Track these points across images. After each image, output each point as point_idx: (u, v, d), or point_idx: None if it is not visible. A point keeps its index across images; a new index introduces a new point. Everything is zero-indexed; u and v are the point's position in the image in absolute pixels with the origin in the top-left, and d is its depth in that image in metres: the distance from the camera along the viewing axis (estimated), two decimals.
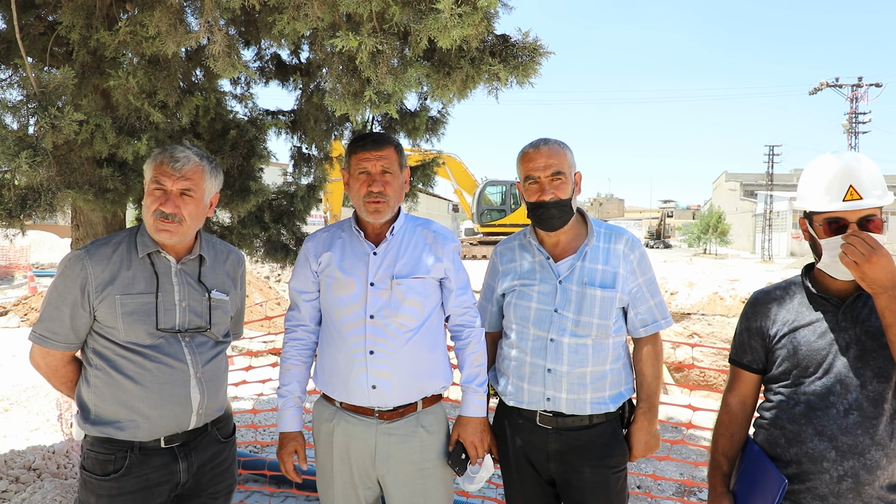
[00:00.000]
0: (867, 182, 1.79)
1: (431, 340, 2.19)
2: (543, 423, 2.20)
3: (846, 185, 1.79)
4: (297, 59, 4.28)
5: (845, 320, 1.85)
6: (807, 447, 1.82)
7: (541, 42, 2.36)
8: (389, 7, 2.00)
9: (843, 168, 1.81)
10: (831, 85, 38.58)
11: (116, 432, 1.95)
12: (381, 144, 2.15)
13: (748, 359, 2.03)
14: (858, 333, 1.82)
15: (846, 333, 1.84)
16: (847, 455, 1.76)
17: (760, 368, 2.02)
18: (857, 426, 1.76)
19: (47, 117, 2.13)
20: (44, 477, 4.08)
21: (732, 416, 2.06)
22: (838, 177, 1.81)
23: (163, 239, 2.00)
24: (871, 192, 1.79)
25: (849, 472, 1.76)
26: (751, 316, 2.03)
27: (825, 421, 1.80)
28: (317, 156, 4.58)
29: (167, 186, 1.97)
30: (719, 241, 42.33)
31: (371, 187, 2.12)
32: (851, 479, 1.76)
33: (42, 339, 1.97)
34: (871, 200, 1.77)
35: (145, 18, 2.43)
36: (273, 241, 4.26)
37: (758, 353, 2.01)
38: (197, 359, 2.03)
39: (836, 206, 1.79)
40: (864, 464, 1.75)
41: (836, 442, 1.77)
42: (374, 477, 2.16)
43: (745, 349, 2.04)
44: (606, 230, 2.27)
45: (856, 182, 1.78)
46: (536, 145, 2.21)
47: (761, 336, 1.99)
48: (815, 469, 1.80)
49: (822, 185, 1.83)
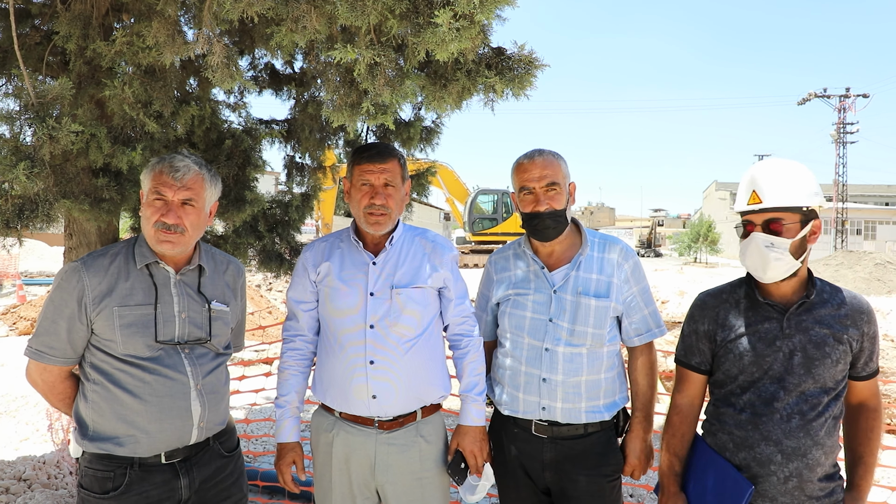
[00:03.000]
0: (771, 185, 1.90)
1: (431, 350, 2.20)
2: (539, 432, 2.21)
3: (750, 190, 1.94)
4: (290, 68, 4.29)
5: (789, 328, 1.92)
6: (755, 452, 1.90)
7: (536, 55, 2.39)
8: (387, 20, 2.02)
9: (753, 173, 1.95)
10: (819, 95, 38.99)
11: (116, 448, 1.90)
12: (385, 157, 2.15)
13: (696, 360, 2.10)
14: (803, 341, 1.90)
15: (790, 341, 1.91)
16: (791, 457, 1.85)
17: (707, 370, 2.09)
18: (799, 429, 1.86)
19: (45, 128, 2.13)
20: (34, 488, 4.03)
21: (682, 416, 2.12)
22: (746, 183, 1.97)
23: (164, 250, 1.96)
24: (773, 195, 1.89)
25: (794, 472, 1.85)
26: (698, 318, 2.10)
27: (770, 426, 1.88)
28: (310, 165, 4.59)
29: (168, 197, 1.93)
30: (710, 249, 42.55)
31: (373, 199, 2.12)
32: (796, 479, 1.85)
33: (38, 354, 1.92)
34: (769, 202, 1.89)
35: (142, 29, 2.44)
36: (267, 251, 4.25)
37: (705, 355, 2.08)
38: (197, 371, 1.99)
39: (741, 208, 1.97)
40: (807, 463, 1.85)
41: (781, 446, 1.86)
42: (374, 487, 2.16)
43: (693, 351, 2.10)
44: (600, 240, 2.30)
45: (757, 187, 1.92)
46: (531, 156, 2.22)
47: (709, 339, 2.06)
48: (764, 472, 1.88)
49: (739, 190, 2.01)
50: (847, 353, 1.89)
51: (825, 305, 1.94)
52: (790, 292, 1.96)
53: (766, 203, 1.89)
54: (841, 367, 1.89)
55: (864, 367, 1.94)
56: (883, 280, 19.36)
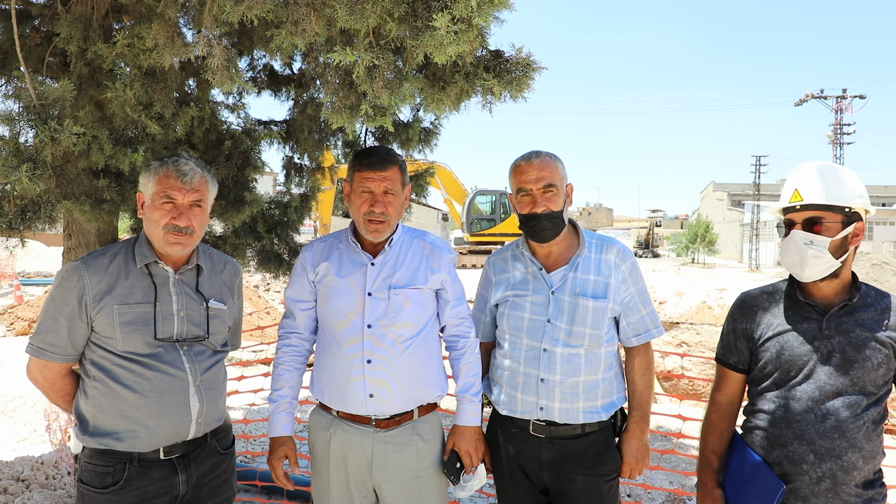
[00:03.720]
0: (813, 184, 1.91)
1: (428, 350, 2.22)
2: (536, 431, 2.23)
3: (793, 189, 1.95)
4: (289, 69, 4.31)
5: (829, 329, 1.91)
6: (787, 450, 1.89)
7: (533, 57, 2.41)
8: (386, 23, 2.04)
9: (797, 173, 1.97)
10: (816, 96, 39.10)
11: (115, 443, 1.94)
12: (385, 165, 2.15)
13: (734, 359, 2.10)
14: (842, 343, 1.89)
15: (829, 342, 1.90)
16: (825, 458, 1.84)
17: (745, 369, 2.09)
18: (834, 430, 1.84)
19: (47, 130, 2.14)
20: (32, 488, 4.04)
21: (721, 414, 2.12)
22: (790, 181, 1.98)
23: (175, 252, 2.00)
24: (814, 193, 1.90)
25: (827, 473, 1.84)
26: (738, 317, 2.10)
27: (804, 425, 1.87)
28: (309, 166, 4.60)
29: (178, 200, 1.97)
30: (707, 250, 42.65)
31: (373, 207, 2.13)
32: (829, 480, 1.84)
33: (39, 351, 1.96)
34: (809, 199, 1.90)
35: (142, 31, 2.46)
36: (266, 252, 4.26)
37: (743, 354, 2.08)
38: (196, 367, 2.03)
39: (783, 205, 1.98)
40: (842, 465, 1.83)
41: (815, 445, 1.85)
42: (371, 485, 2.18)
43: (731, 350, 2.11)
44: (598, 241, 2.31)
45: (800, 185, 1.93)
46: (528, 158, 2.24)
47: (747, 338, 2.06)
48: (796, 471, 1.87)
49: (784, 190, 2.01)
50: (890, 358, 1.86)
51: (868, 309, 1.92)
52: (832, 294, 1.95)
53: (806, 200, 1.89)
54: (883, 372, 1.86)
55: None
56: (880, 280, 19.41)
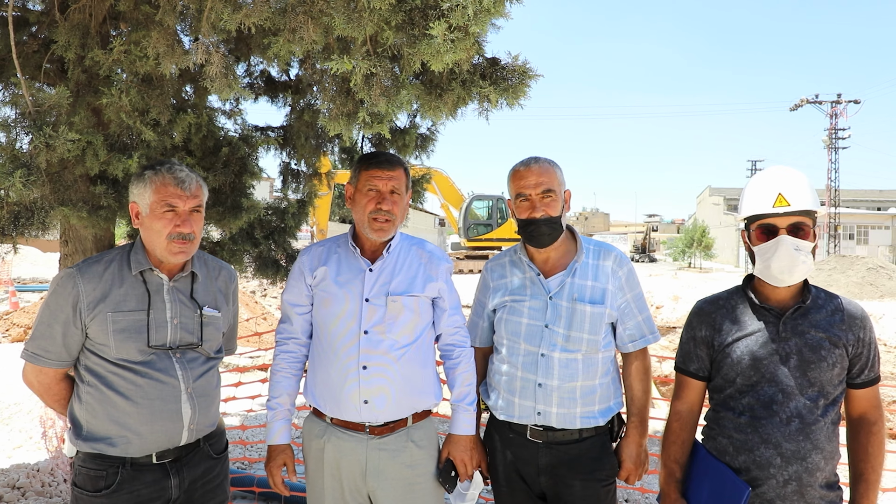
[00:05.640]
0: (795, 190, 1.92)
1: (423, 357, 2.22)
2: (534, 437, 2.23)
3: (776, 193, 1.94)
4: (286, 76, 4.32)
5: (785, 331, 1.94)
6: (754, 455, 1.91)
7: (530, 65, 2.43)
8: (383, 31, 2.04)
9: (773, 178, 1.96)
10: (811, 101, 39.30)
11: (108, 448, 1.95)
12: (393, 165, 2.19)
13: (694, 367, 2.11)
14: (798, 344, 1.92)
15: (786, 344, 1.93)
16: (791, 461, 1.87)
17: (706, 376, 2.10)
18: (799, 433, 1.87)
19: (42, 136, 2.14)
20: (28, 495, 4.02)
21: (682, 423, 2.13)
22: (769, 186, 1.96)
23: (178, 260, 2.02)
24: (799, 199, 1.92)
25: (793, 476, 1.87)
26: (696, 325, 2.11)
27: (770, 429, 1.89)
28: (306, 172, 4.61)
29: (179, 207, 1.98)
30: (704, 254, 42.74)
31: (380, 205, 2.15)
32: (795, 483, 1.87)
33: (34, 357, 1.97)
34: (797, 205, 1.91)
35: (140, 38, 2.46)
36: (264, 258, 4.26)
37: (703, 361, 2.09)
38: (188, 374, 2.03)
39: (766, 210, 1.94)
40: (806, 467, 1.86)
41: (781, 449, 1.88)
42: (365, 492, 2.18)
43: (691, 357, 2.12)
44: (595, 247, 2.32)
45: (784, 190, 1.93)
46: (527, 163, 2.25)
47: (706, 345, 2.08)
48: (763, 475, 1.90)
49: (755, 194, 1.99)
50: (843, 358, 1.91)
51: (820, 310, 1.96)
52: (787, 297, 1.98)
53: (794, 206, 1.91)
54: (837, 371, 1.91)
55: (861, 373, 1.94)
56: (875, 284, 19.49)
